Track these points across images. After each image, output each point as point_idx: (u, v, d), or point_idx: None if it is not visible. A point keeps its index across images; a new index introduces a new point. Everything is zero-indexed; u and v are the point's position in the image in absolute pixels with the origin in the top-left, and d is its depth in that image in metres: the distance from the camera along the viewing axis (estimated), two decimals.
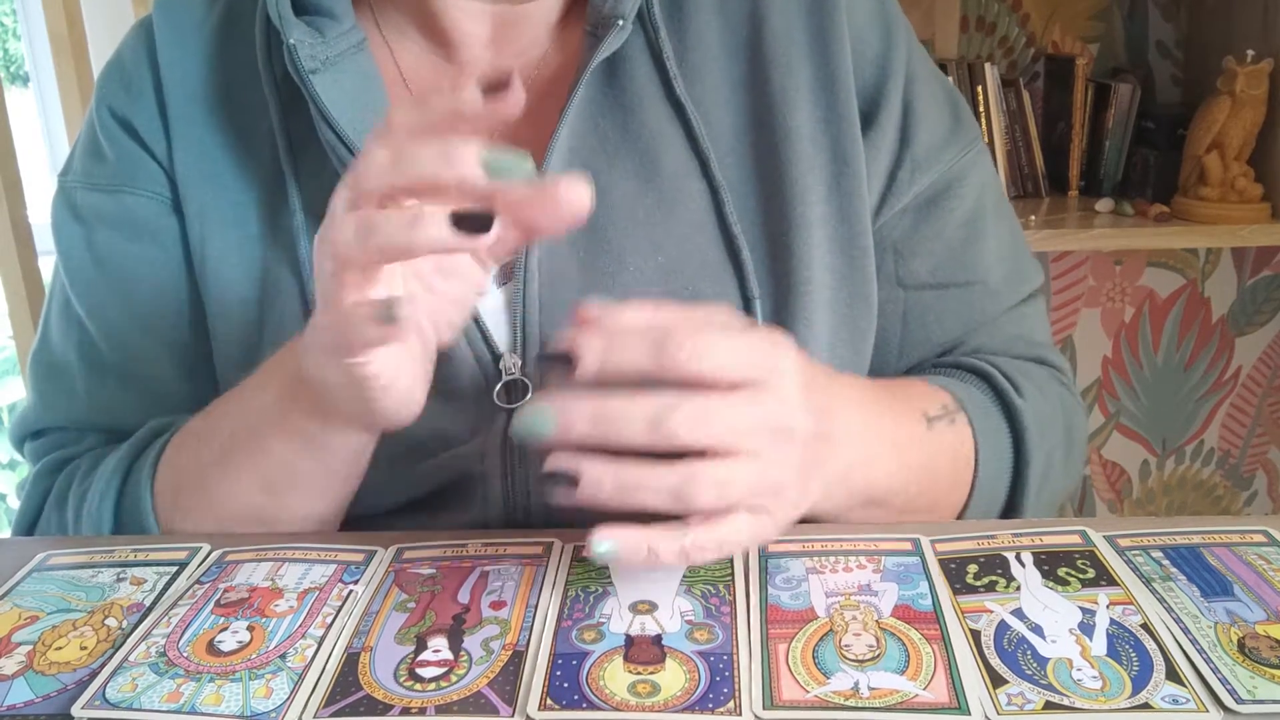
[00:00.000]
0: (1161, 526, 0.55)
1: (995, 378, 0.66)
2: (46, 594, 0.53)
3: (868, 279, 0.66)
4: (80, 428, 0.71)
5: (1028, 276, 0.73)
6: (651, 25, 0.65)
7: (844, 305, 0.66)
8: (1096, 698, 0.42)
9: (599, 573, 0.52)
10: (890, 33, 0.67)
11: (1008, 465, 0.65)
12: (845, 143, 0.65)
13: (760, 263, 0.64)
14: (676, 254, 0.63)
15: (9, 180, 1.43)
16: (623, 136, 0.64)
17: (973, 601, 0.49)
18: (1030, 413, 0.66)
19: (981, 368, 0.67)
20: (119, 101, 0.69)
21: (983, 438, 0.64)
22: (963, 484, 0.64)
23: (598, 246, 0.63)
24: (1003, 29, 1.77)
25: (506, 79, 0.45)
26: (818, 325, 0.64)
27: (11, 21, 2.02)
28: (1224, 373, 1.96)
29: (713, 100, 0.65)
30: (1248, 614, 0.47)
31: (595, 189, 0.63)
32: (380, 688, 0.45)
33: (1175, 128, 1.63)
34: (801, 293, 0.64)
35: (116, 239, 0.68)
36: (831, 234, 0.65)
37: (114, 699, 0.45)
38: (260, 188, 0.66)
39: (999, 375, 0.67)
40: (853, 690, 0.43)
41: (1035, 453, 0.65)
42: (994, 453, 0.64)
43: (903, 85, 0.67)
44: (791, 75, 0.65)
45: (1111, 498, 2.04)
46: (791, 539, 0.55)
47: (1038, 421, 0.66)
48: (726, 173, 0.64)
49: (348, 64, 0.64)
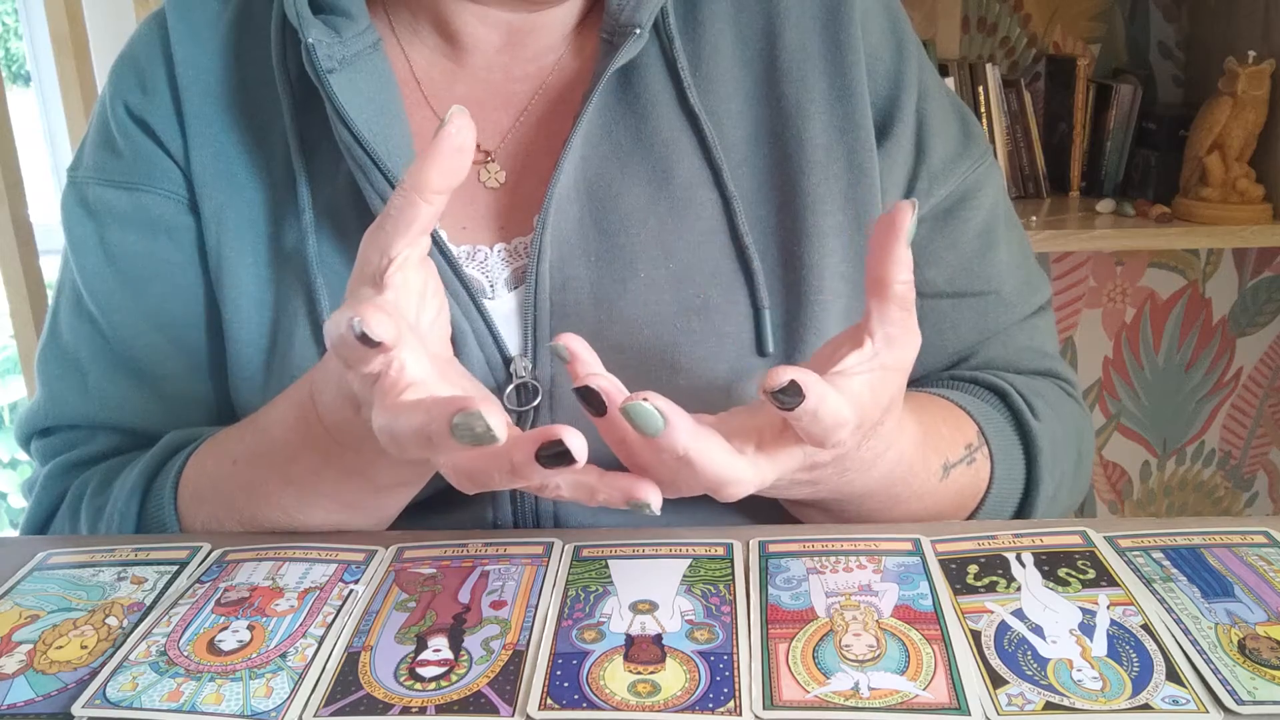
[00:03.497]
0: (1162, 527, 0.55)
1: (1012, 397, 0.67)
2: (47, 593, 0.53)
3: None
4: (91, 426, 0.70)
5: (1038, 287, 0.73)
6: (666, 35, 0.65)
7: (858, 315, 0.65)
8: (1097, 698, 0.42)
9: (599, 573, 0.52)
10: (902, 47, 0.68)
11: (1019, 488, 0.66)
12: (860, 153, 0.65)
13: (771, 273, 0.64)
14: (688, 262, 0.63)
15: (10, 179, 1.44)
16: (635, 144, 0.64)
17: (973, 602, 0.49)
18: (1045, 436, 0.66)
19: (999, 385, 0.68)
20: (134, 99, 0.69)
21: (998, 465, 0.65)
22: (966, 509, 0.65)
23: (609, 253, 0.63)
24: (1004, 29, 1.77)
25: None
26: (830, 335, 0.64)
27: (13, 21, 2.02)
28: (1225, 373, 1.96)
29: (726, 110, 0.65)
30: (1248, 615, 0.47)
31: (608, 195, 0.63)
32: (380, 687, 0.45)
33: (1176, 128, 1.63)
34: (813, 302, 0.64)
35: (131, 237, 0.68)
36: (846, 243, 0.65)
37: (114, 698, 0.45)
38: (273, 187, 0.66)
39: (1015, 395, 0.67)
40: (853, 690, 0.43)
41: (1046, 476, 0.66)
42: (1006, 477, 0.65)
43: (916, 99, 0.68)
44: (806, 88, 0.65)
45: (1112, 498, 2.04)
46: (792, 539, 0.55)
47: (1052, 445, 0.67)
48: (739, 183, 0.65)
49: (363, 64, 0.64)
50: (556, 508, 0.64)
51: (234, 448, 0.62)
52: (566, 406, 0.63)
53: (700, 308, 0.63)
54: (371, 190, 0.62)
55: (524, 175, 0.66)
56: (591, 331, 0.61)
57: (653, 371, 0.63)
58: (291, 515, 0.59)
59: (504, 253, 0.65)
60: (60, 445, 0.70)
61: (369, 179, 0.62)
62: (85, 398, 0.69)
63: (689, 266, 0.63)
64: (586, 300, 0.63)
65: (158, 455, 0.65)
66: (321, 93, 0.62)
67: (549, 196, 0.62)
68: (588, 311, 0.63)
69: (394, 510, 0.60)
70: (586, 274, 0.63)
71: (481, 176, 0.66)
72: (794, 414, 0.45)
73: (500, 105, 0.68)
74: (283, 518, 0.59)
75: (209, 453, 0.64)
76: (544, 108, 0.67)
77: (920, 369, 0.71)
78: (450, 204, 0.60)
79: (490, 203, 0.66)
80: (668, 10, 0.65)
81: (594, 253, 0.63)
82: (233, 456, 0.61)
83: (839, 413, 0.46)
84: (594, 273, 0.63)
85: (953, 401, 0.66)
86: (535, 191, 0.65)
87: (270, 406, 0.60)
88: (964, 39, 1.75)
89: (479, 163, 0.66)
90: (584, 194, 0.64)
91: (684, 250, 0.64)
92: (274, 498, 0.59)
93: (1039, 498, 0.66)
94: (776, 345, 0.64)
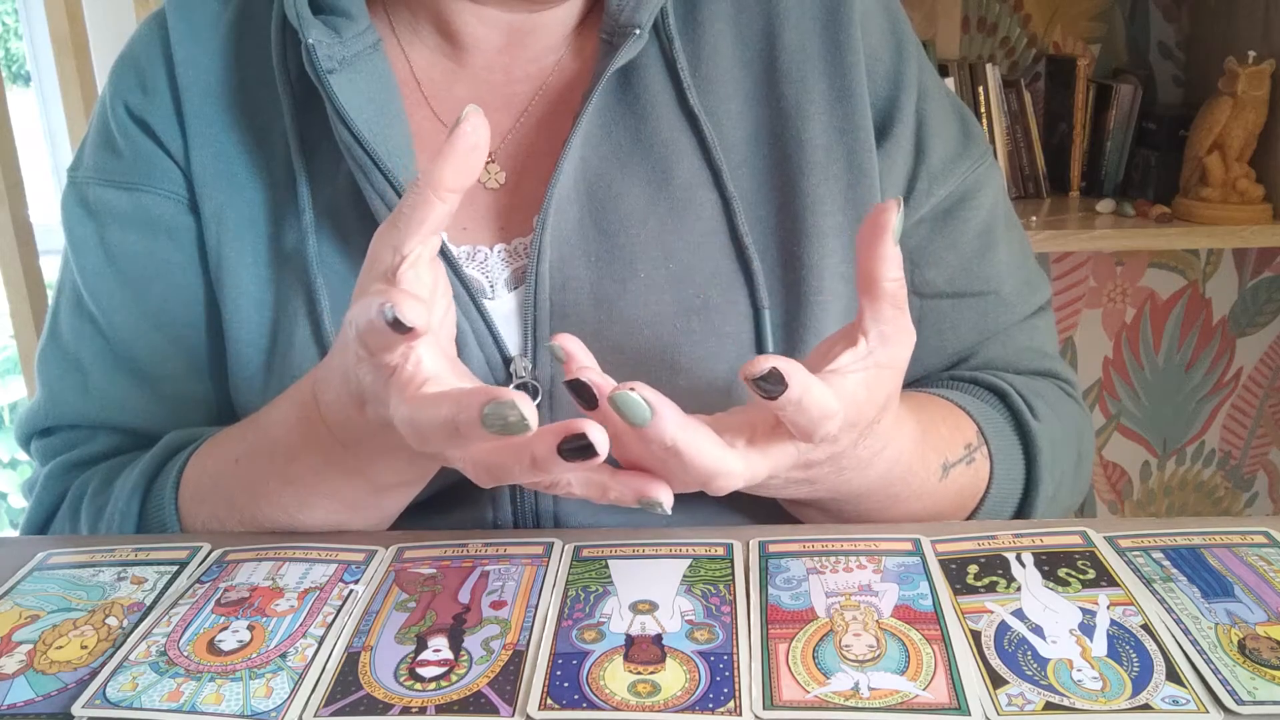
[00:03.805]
0: (1162, 527, 0.55)
1: (1012, 397, 0.67)
2: (47, 593, 0.53)
3: None
4: (91, 426, 0.70)
5: (1038, 288, 0.74)
6: (666, 35, 0.65)
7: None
8: (1097, 698, 0.42)
9: (599, 573, 0.52)
10: (902, 48, 0.68)
11: (1018, 489, 0.66)
12: (860, 153, 0.65)
13: (771, 273, 0.64)
14: (687, 263, 0.64)
15: (10, 180, 1.44)
16: (635, 145, 0.64)
17: (973, 602, 0.49)
18: (1045, 436, 0.66)
19: (999, 386, 0.68)
20: (135, 99, 0.69)
21: (998, 465, 0.65)
22: (966, 510, 0.65)
23: (609, 253, 0.63)
24: (1004, 29, 1.77)
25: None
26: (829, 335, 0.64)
27: (13, 21, 2.02)
28: (1225, 374, 1.96)
29: (725, 111, 0.65)
30: (1248, 615, 0.47)
31: (607, 196, 0.63)
32: (380, 687, 0.45)
33: (1176, 128, 1.63)
34: (812, 303, 0.64)
35: (131, 237, 0.68)
36: (845, 244, 0.65)
37: (114, 698, 0.45)
38: (273, 187, 0.66)
39: (1015, 395, 0.67)
40: (853, 690, 0.43)
41: (1046, 476, 0.66)
42: (1006, 477, 0.65)
43: (916, 99, 0.68)
44: (806, 89, 0.65)
45: (1112, 498, 2.04)
46: (792, 539, 0.55)
47: (1051, 446, 0.66)
48: (739, 183, 0.65)
49: (363, 64, 0.64)
50: (556, 507, 0.64)
51: (235, 447, 0.62)
52: (566, 406, 0.63)
53: (700, 308, 0.63)
54: (372, 190, 0.62)
55: (524, 176, 0.67)
56: (591, 332, 0.61)
57: (653, 372, 0.63)
58: (292, 515, 0.59)
59: (504, 253, 0.65)
60: (60, 445, 0.70)
61: (369, 179, 0.62)
62: (85, 398, 0.69)
63: (689, 267, 0.63)
64: (586, 300, 0.63)
65: (158, 455, 0.65)
66: (321, 93, 0.62)
67: (549, 197, 0.62)
68: (587, 312, 0.63)
69: (395, 510, 0.60)
70: (586, 274, 0.63)
71: (481, 177, 0.66)
72: (778, 403, 0.45)
73: (500, 106, 0.68)
74: (283, 517, 0.59)
75: (209, 452, 0.64)
76: (544, 108, 0.68)
77: (920, 369, 0.71)
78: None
79: (490, 203, 0.66)
80: (667, 11, 0.65)
81: (594, 253, 0.63)
82: (234, 456, 0.61)
83: (825, 403, 0.46)
84: (594, 273, 0.63)
85: (952, 401, 0.66)
86: (535, 192, 0.65)
87: (271, 406, 0.60)
88: (964, 39, 1.75)
89: None
90: (584, 194, 0.64)
91: (684, 251, 0.64)
92: (274, 497, 0.59)
93: (1039, 498, 0.66)
94: (776, 345, 0.64)
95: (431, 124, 0.67)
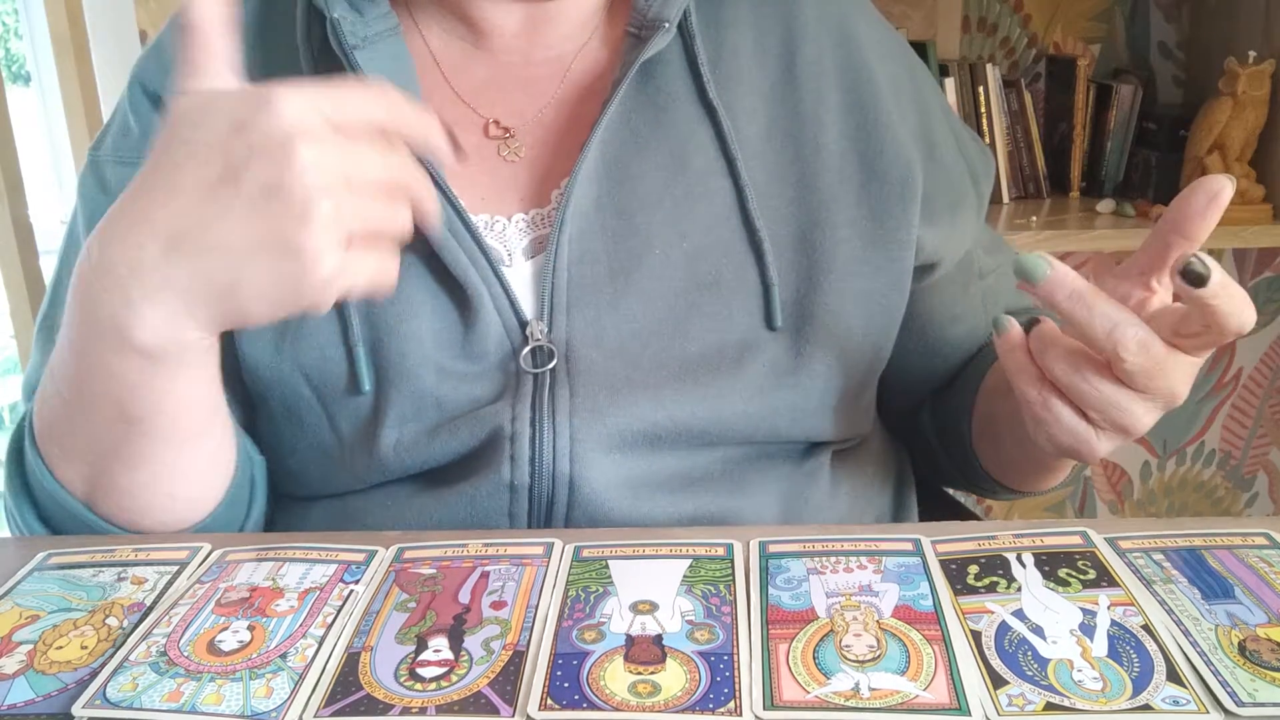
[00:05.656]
0: (1162, 528, 0.55)
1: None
2: (47, 593, 0.53)
3: (903, 270, 0.69)
4: None
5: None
6: (689, 32, 0.68)
7: (879, 296, 0.69)
8: (1097, 699, 0.42)
9: (599, 573, 0.52)
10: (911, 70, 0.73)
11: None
12: (871, 156, 0.68)
13: (782, 255, 0.67)
14: (701, 242, 0.66)
15: (10, 180, 1.44)
16: (654, 133, 0.67)
17: (973, 602, 0.49)
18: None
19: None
20: (150, 77, 0.71)
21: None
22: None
23: (626, 230, 0.66)
24: (1004, 30, 1.77)
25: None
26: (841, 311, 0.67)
27: (13, 21, 2.02)
28: (1225, 374, 1.96)
29: (742, 106, 0.68)
30: (1248, 616, 0.47)
31: (625, 177, 0.66)
32: (381, 687, 0.45)
33: (1177, 129, 1.63)
34: (822, 283, 0.67)
35: None
36: (861, 231, 0.68)
37: (114, 698, 0.45)
38: None
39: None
40: (853, 691, 0.43)
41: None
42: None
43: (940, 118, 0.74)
44: (821, 100, 0.69)
45: (1112, 499, 2.04)
46: (792, 539, 0.55)
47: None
48: (753, 174, 0.67)
49: (385, 45, 0.66)
50: (572, 466, 0.64)
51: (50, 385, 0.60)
52: (581, 369, 0.64)
53: (712, 283, 0.66)
54: None
55: (542, 151, 0.69)
56: (607, 300, 0.65)
57: (665, 338, 0.65)
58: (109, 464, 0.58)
59: (522, 223, 0.68)
60: None
61: None
62: None
63: (702, 246, 0.66)
64: (603, 272, 0.65)
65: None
66: (346, 66, 0.64)
67: (574, 174, 0.64)
68: (604, 281, 0.65)
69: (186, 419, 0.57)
70: (603, 248, 0.65)
71: (501, 151, 0.69)
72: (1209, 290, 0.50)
73: (519, 87, 0.70)
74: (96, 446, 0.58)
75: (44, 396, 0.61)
76: (569, 96, 0.70)
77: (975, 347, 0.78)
78: (470, 175, 0.67)
79: (509, 176, 0.69)
80: (690, 10, 0.68)
81: (611, 229, 0.66)
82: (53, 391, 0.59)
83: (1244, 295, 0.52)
84: (610, 247, 0.66)
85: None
86: (553, 167, 0.68)
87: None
88: (964, 39, 1.75)
89: (498, 138, 0.69)
90: (603, 175, 0.66)
91: (697, 232, 0.66)
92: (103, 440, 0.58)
93: None
94: (787, 320, 0.67)
95: (451, 104, 0.70)
